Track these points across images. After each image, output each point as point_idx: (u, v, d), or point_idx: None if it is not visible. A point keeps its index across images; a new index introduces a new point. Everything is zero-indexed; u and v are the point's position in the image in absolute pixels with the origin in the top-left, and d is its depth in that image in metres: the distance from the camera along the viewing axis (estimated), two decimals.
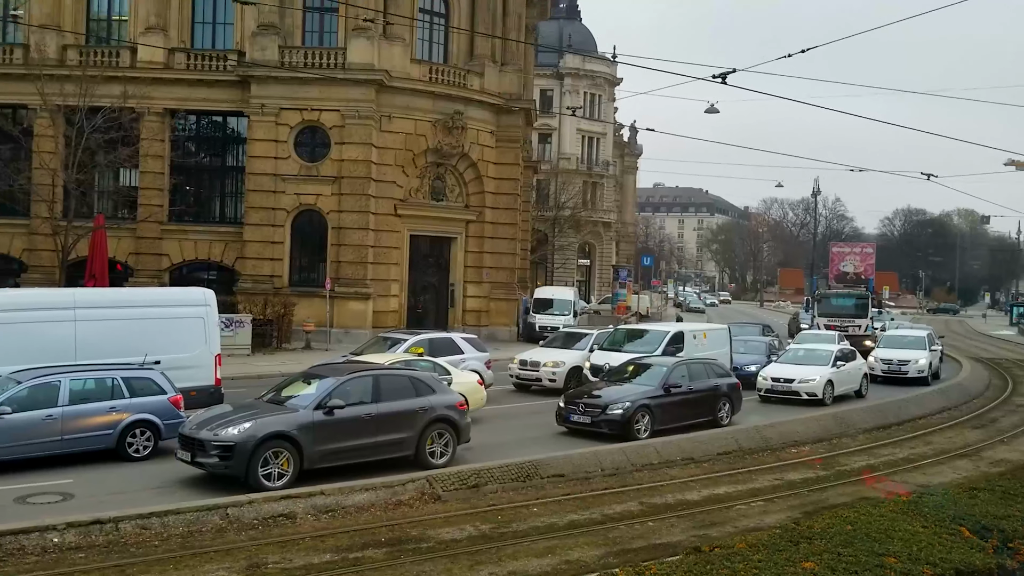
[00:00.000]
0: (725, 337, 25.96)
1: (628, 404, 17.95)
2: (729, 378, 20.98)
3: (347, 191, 35.66)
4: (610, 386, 19.24)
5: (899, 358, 29.44)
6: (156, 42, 36.30)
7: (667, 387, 18.85)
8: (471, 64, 39.38)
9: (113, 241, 36.48)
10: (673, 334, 24.09)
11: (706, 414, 19.71)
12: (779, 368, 24.95)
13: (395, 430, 14.50)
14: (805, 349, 26.65)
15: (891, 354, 29.78)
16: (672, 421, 18.73)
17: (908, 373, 29.04)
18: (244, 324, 30.88)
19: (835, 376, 24.47)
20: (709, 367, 20.62)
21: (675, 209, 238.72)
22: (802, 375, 24.08)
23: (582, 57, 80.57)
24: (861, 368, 26.47)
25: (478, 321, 40.12)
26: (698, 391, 19.58)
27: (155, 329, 17.43)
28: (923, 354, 29.66)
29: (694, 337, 24.47)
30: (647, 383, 18.99)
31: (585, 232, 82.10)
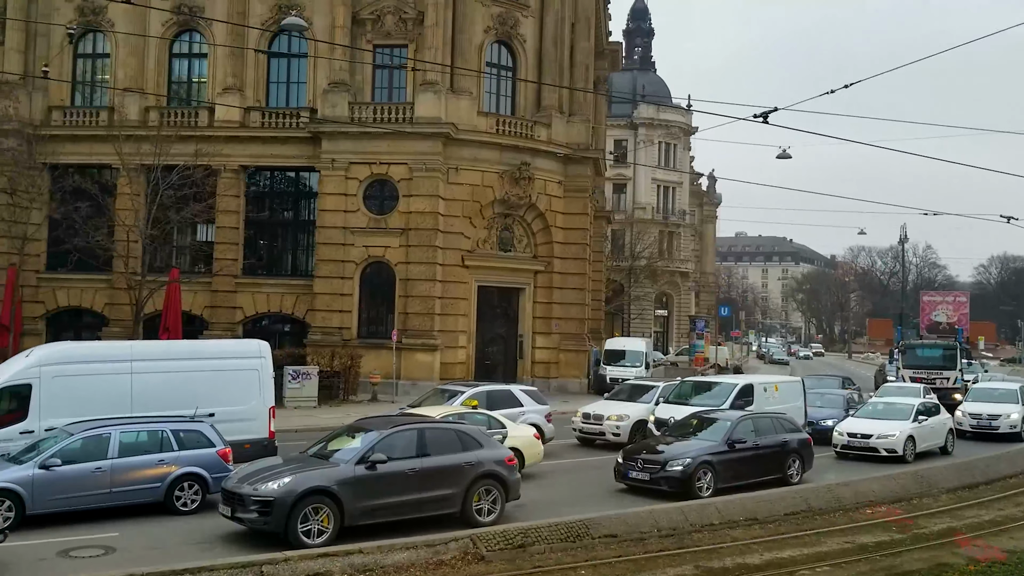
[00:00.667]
0: (798, 390, 24.90)
1: (689, 460, 17.19)
2: (799, 433, 19.96)
3: (414, 242, 35.84)
4: (672, 441, 18.49)
5: (988, 412, 27.79)
6: (232, 102, 37.49)
7: (731, 442, 17.99)
8: (538, 115, 39.46)
9: (189, 295, 37.46)
10: (742, 387, 23.18)
11: (774, 471, 18.72)
12: (856, 423, 23.74)
13: (440, 486, 14.08)
14: (885, 403, 25.37)
15: (980, 408, 28.15)
16: (737, 479, 17.84)
17: (999, 428, 27.34)
18: (311, 376, 31.00)
19: (917, 431, 23.16)
20: (777, 421, 19.66)
21: (758, 258, 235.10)
22: (881, 430, 22.86)
23: (656, 107, 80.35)
24: (946, 423, 25.01)
25: (547, 373, 39.61)
26: (765, 447, 18.65)
27: (210, 381, 17.56)
28: (1015, 408, 27.92)
29: (764, 390, 23.51)
30: (710, 438, 18.19)
31: (662, 282, 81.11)
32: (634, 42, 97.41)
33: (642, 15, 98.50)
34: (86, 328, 38.55)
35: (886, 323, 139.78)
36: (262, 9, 38.23)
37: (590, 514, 14.67)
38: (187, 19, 38.62)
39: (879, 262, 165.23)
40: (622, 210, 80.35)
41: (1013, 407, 27.94)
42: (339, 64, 36.73)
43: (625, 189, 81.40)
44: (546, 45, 39.93)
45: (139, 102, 38.16)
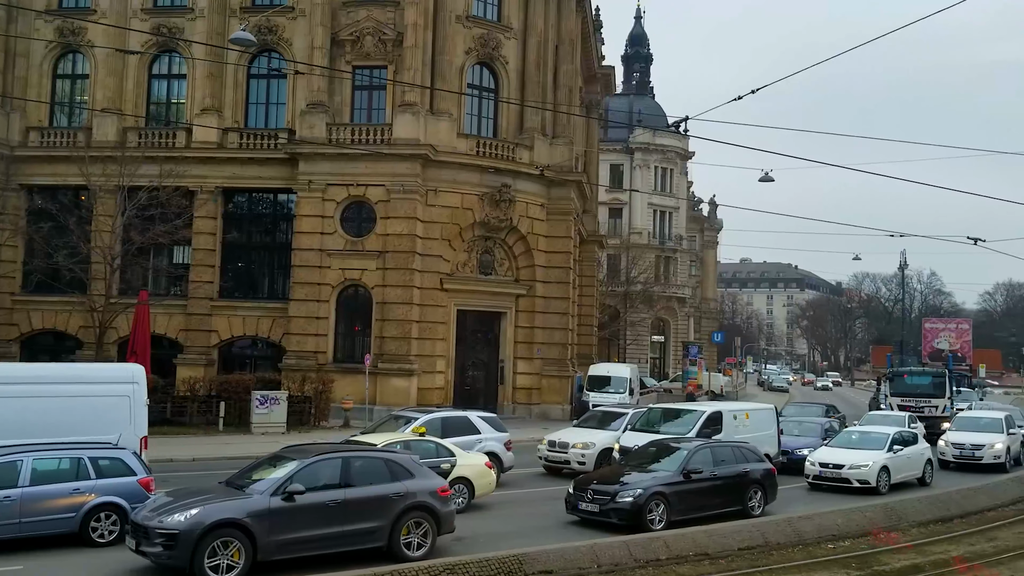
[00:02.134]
0: (771, 418, 24.02)
1: (640, 491, 16.24)
2: (762, 463, 18.93)
3: (391, 265, 35.23)
4: (626, 471, 17.68)
5: (972, 442, 26.66)
6: (210, 123, 37.05)
7: (687, 473, 17.04)
8: (520, 137, 38.95)
9: (164, 318, 36.98)
10: (709, 414, 22.30)
11: (734, 503, 17.77)
12: (829, 453, 22.82)
13: (365, 518, 13.27)
14: (860, 432, 24.46)
15: (964, 438, 27.06)
16: (693, 511, 16.91)
17: (982, 459, 26.23)
18: (279, 401, 30.28)
19: (891, 462, 22.17)
20: (739, 451, 18.69)
21: (763, 285, 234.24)
22: (853, 460, 21.85)
23: (652, 132, 79.84)
24: (924, 453, 24.05)
25: (529, 399, 38.86)
26: (724, 477, 17.69)
27: (75, 408, 16.12)
28: (999, 438, 26.79)
29: (734, 418, 22.60)
30: (666, 468, 17.20)
31: (658, 308, 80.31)
32: (632, 68, 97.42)
33: (640, 40, 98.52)
34: (62, 351, 37.90)
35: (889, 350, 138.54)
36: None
37: (527, 548, 13.86)
38: (166, 40, 38.32)
39: (883, 289, 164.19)
40: (617, 235, 79.69)
41: (997, 437, 26.87)
42: (317, 84, 36.32)
43: (621, 214, 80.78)
44: (529, 67, 39.50)
45: (117, 123, 37.76)
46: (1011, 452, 26.89)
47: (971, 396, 46.45)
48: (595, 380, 40.31)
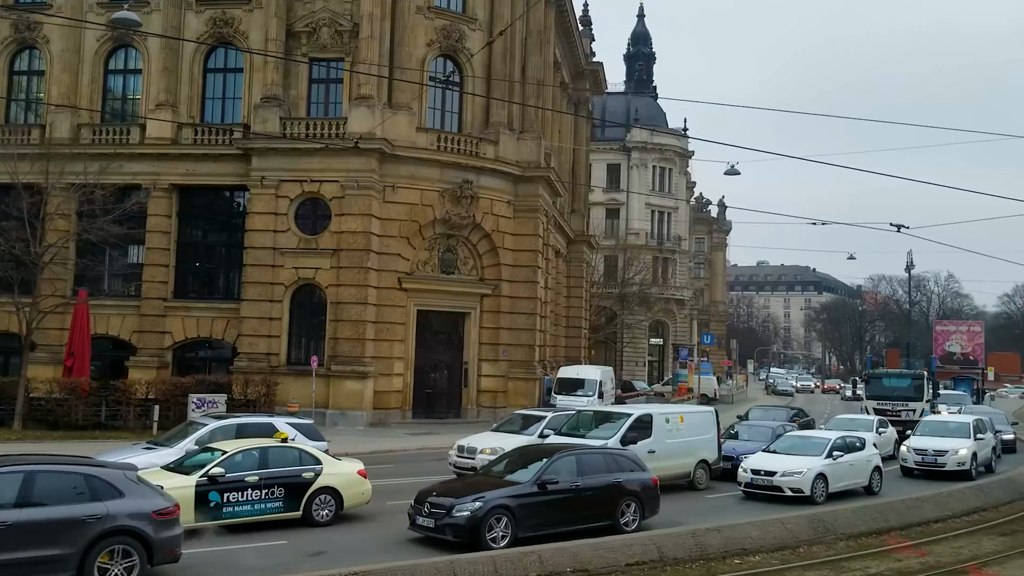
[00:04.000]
0: (710, 421, 22.57)
1: (479, 505, 14.28)
2: (641, 473, 16.87)
3: (345, 264, 34.06)
4: (479, 482, 15.84)
5: (935, 448, 24.91)
6: (165, 117, 36.06)
7: (542, 483, 15.11)
8: (486, 132, 37.69)
9: (117, 319, 36.17)
10: (637, 417, 20.76)
11: (601, 518, 15.85)
12: (763, 459, 21.13)
13: (46, 544, 11.15)
14: (799, 437, 22.89)
15: (926, 443, 25.33)
16: (547, 527, 15.00)
17: (945, 466, 24.53)
18: (217, 405, 29.11)
19: (830, 469, 20.65)
20: (613, 459, 16.78)
21: (780, 288, 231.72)
22: (787, 467, 20.34)
23: (650, 130, 78.42)
24: (872, 460, 22.38)
25: (494, 402, 37.56)
26: (589, 488, 15.76)
27: None
28: (964, 443, 25.05)
29: (666, 421, 21.19)
30: (520, 478, 15.31)
31: (656, 309, 78.69)
32: (635, 66, 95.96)
33: (643, 39, 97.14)
34: (12, 353, 37.03)
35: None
36: (197, 24, 36.99)
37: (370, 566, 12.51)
38: (122, 34, 37.35)
39: (900, 291, 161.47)
40: (615, 236, 78.29)
41: (963, 442, 25.13)
42: (271, 78, 35.27)
43: (618, 214, 79.32)
44: (495, 60, 38.26)
45: (71, 119, 36.88)
46: (979, 458, 25.27)
47: (964, 400, 44.59)
48: (564, 383, 38.85)
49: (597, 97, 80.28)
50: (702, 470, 21.83)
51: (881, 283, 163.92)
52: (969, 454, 24.90)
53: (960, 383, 71.03)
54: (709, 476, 22.01)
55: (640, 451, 19.37)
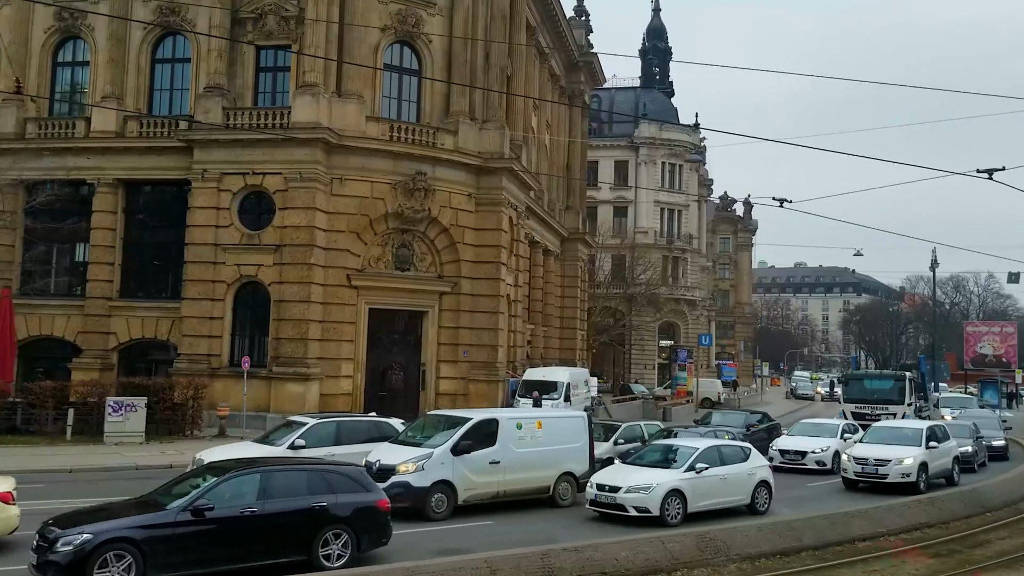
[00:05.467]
0: (579, 427, 20.02)
1: (87, 537, 11.38)
2: (361, 494, 13.74)
3: (288, 260, 32.39)
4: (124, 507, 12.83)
5: (876, 457, 22.42)
6: (110, 110, 34.73)
7: (196, 509, 12.16)
8: (445, 122, 35.81)
9: (63, 319, 35.07)
10: (476, 423, 18.27)
11: (291, 551, 12.93)
12: (611, 472, 18.69)
13: None
14: (667, 447, 20.11)
15: (869, 451, 22.85)
16: (200, 565, 12.15)
17: (887, 477, 22.10)
18: (136, 408, 27.54)
19: (690, 484, 17.81)
20: (320, 477, 13.64)
21: (818, 290, 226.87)
22: (634, 482, 17.54)
23: (658, 125, 75.97)
24: (756, 473, 19.38)
25: (454, 405, 35.33)
26: (274, 515, 12.77)
27: None
28: (912, 452, 22.54)
29: (518, 427, 18.76)
30: (175, 504, 12.34)
31: (666, 310, 76.17)
32: (651, 62, 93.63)
33: (659, 34, 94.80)
34: None
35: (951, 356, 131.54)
36: (145, 13, 35.58)
37: None
38: (69, 25, 36.25)
39: (938, 292, 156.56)
40: (623, 234, 75.97)
41: (911, 451, 22.65)
42: (214, 67, 33.78)
43: (626, 212, 76.96)
44: (456, 46, 36.39)
45: (16, 113, 35.75)
46: (931, 469, 22.70)
47: (969, 403, 41.72)
48: (530, 385, 36.76)
49: (605, 92, 78.35)
50: (566, 484, 19.47)
51: (919, 284, 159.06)
52: (916, 464, 22.37)
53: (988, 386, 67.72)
54: (576, 490, 19.55)
55: (479, 462, 17.78)
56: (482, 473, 18.08)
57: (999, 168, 18.07)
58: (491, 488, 18.27)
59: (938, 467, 23.41)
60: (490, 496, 18.28)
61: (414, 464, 17.40)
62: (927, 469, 22.70)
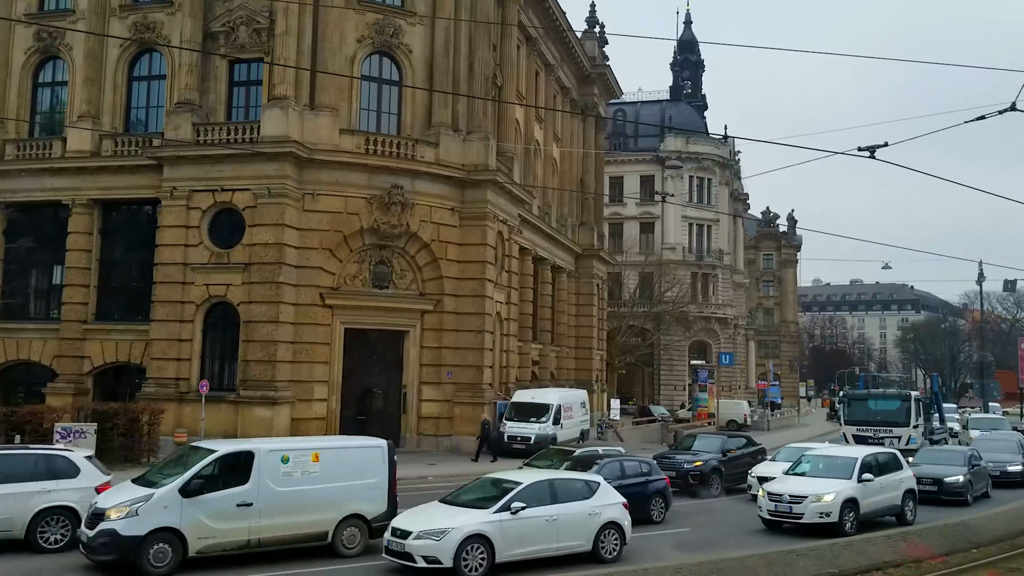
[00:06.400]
0: (375, 460, 16.60)
1: None
2: None
3: (256, 279, 31.18)
4: None
5: (792, 492, 19.00)
6: (85, 129, 34.19)
7: None
8: (427, 133, 34.43)
9: (39, 343, 34.51)
10: (221, 456, 15.20)
11: None
12: (416, 513, 15.62)
13: None
14: (493, 481, 16.56)
15: (787, 486, 19.43)
16: None
17: (802, 517, 18.59)
18: (85, 435, 26.36)
19: (501, 529, 14.72)
20: None
21: (875, 307, 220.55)
22: (429, 525, 14.60)
23: (685, 138, 73.89)
24: (601, 513, 16.05)
25: (437, 429, 34.00)
26: None
27: None
28: (836, 486, 19.03)
29: (283, 460, 15.40)
30: None
31: (696, 329, 73.64)
32: (682, 75, 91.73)
33: (690, 47, 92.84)
34: None
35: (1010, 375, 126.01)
36: (121, 30, 34.99)
37: None
38: (48, 45, 35.85)
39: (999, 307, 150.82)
40: (649, 250, 73.85)
41: (835, 485, 19.13)
42: (185, 82, 32.93)
43: (653, 228, 74.77)
44: (437, 56, 35.06)
45: None
46: (862, 506, 19.28)
47: (1001, 424, 38.70)
48: (518, 408, 34.95)
49: (630, 106, 76.53)
50: (354, 528, 16.04)
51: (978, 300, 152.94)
52: (839, 501, 18.71)
53: None
54: (367, 536, 16.14)
55: (221, 504, 14.66)
56: (226, 518, 14.76)
57: (881, 144, 15.93)
58: (239, 536, 14.88)
59: (878, 503, 19.83)
60: (238, 546, 14.92)
61: (126, 508, 14.24)
62: (857, 507, 19.00)
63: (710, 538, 18.23)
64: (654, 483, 20.42)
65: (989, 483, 24.71)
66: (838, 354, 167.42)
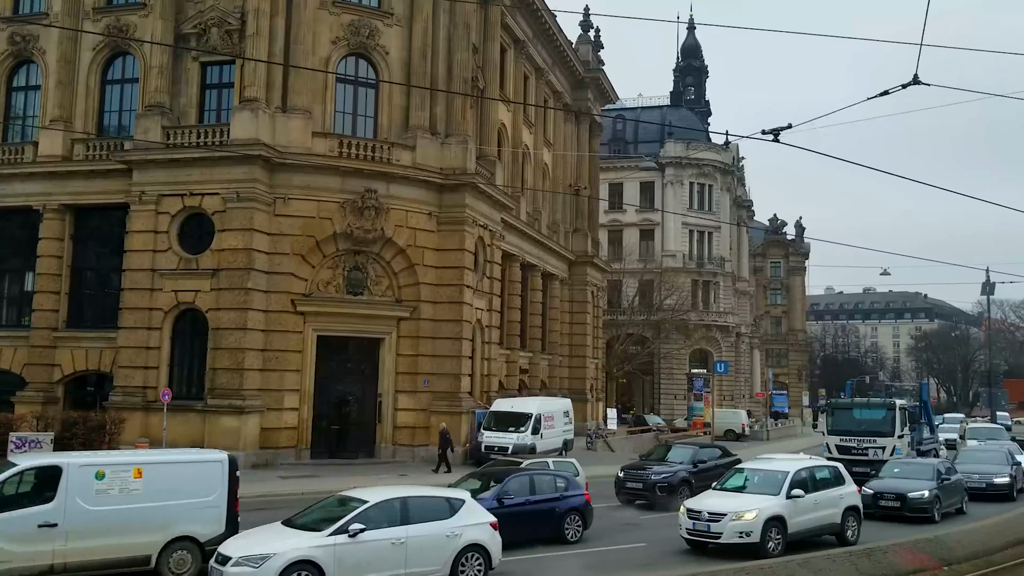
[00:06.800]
0: (213, 476, 15.12)
1: None
2: None
3: (224, 285, 30.46)
4: None
5: (713, 509, 17.35)
6: (57, 133, 33.68)
7: None
8: (405, 137, 33.70)
9: (10, 351, 33.93)
10: (20, 472, 14.03)
11: None
12: (252, 535, 14.30)
13: None
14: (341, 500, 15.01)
15: (707, 503, 17.86)
16: None
17: (720, 536, 16.96)
18: (40, 445, 25.71)
19: (335, 553, 13.25)
20: None
21: (888, 316, 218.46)
22: (252, 550, 13.16)
23: (685, 144, 72.95)
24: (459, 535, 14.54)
25: (413, 439, 33.14)
26: None
27: None
28: (758, 503, 17.33)
29: (98, 477, 14.04)
30: None
31: (697, 337, 72.56)
32: (685, 80, 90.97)
33: (693, 52, 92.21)
34: None
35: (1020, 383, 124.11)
36: (94, 31, 34.45)
37: None
38: (21, 49, 35.39)
39: (1012, 315, 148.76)
40: (650, 258, 72.90)
41: (760, 501, 17.45)
42: (155, 85, 32.34)
43: (653, 235, 73.80)
44: (415, 58, 34.36)
45: None
46: (790, 525, 17.47)
47: (999, 434, 37.56)
48: (497, 417, 33.99)
49: (630, 112, 75.66)
50: (184, 552, 14.57)
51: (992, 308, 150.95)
52: (761, 519, 16.94)
53: None
54: (201, 559, 14.53)
55: (18, 525, 13.25)
56: (25, 540, 13.33)
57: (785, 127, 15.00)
58: (41, 560, 13.45)
59: (812, 522, 18.04)
60: (39, 571, 13.52)
61: None
62: (784, 526, 17.22)
63: (622, 560, 17.07)
64: (569, 500, 18.95)
65: (964, 498, 23.29)
66: (850, 363, 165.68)
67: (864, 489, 21.51)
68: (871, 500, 21.41)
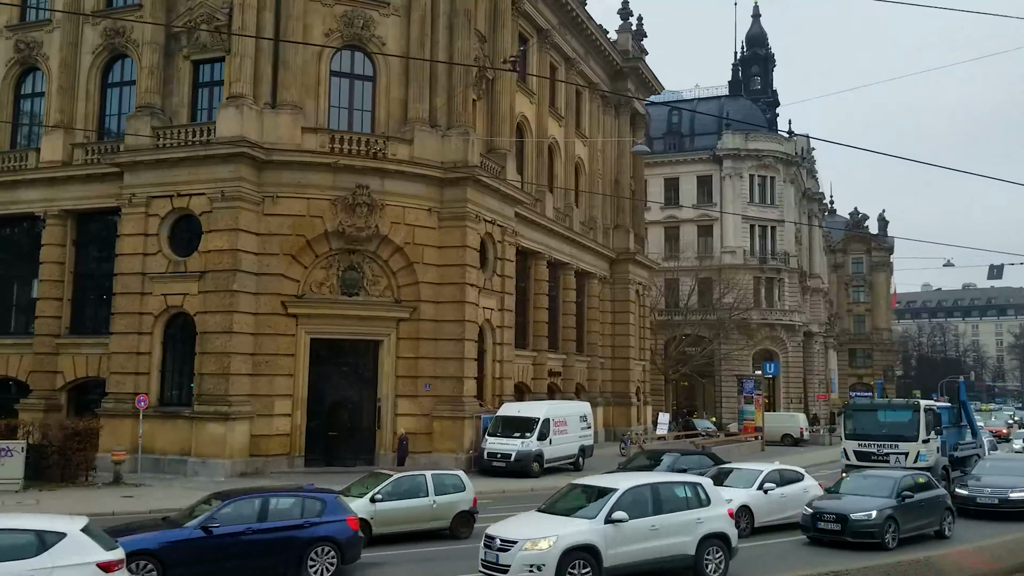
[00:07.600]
0: None
1: None
2: None
3: (211, 288, 29.51)
4: None
5: (507, 536, 14.11)
6: (57, 139, 33.47)
7: None
8: (403, 130, 32.27)
9: (16, 358, 33.81)
10: None
11: None
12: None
13: None
14: None
15: (506, 528, 14.60)
16: None
17: (507, 571, 13.62)
18: (12, 453, 25.12)
19: None
20: None
21: (990, 312, 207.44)
22: None
23: (744, 135, 69.71)
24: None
25: (414, 446, 31.48)
26: None
27: None
28: (566, 528, 13.95)
29: None
30: None
31: (760, 337, 69.18)
32: (750, 70, 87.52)
33: (759, 41, 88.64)
34: None
35: None
36: (94, 36, 34.20)
37: None
38: (26, 56, 35.35)
39: None
40: (708, 255, 69.96)
41: (565, 526, 14.13)
42: (145, 85, 31.72)
43: (711, 231, 70.73)
44: (413, 48, 32.90)
45: None
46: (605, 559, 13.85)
47: None
48: (504, 422, 32.22)
49: (687, 103, 72.88)
50: None
51: None
52: (557, 550, 13.38)
53: None
54: None
55: None
56: None
57: None
58: None
59: (645, 553, 14.30)
60: None
61: None
62: (596, 557, 13.67)
63: None
64: (318, 527, 15.02)
65: (948, 518, 19.54)
66: (947, 363, 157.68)
67: (804, 508, 18.89)
68: (810, 522, 18.49)
